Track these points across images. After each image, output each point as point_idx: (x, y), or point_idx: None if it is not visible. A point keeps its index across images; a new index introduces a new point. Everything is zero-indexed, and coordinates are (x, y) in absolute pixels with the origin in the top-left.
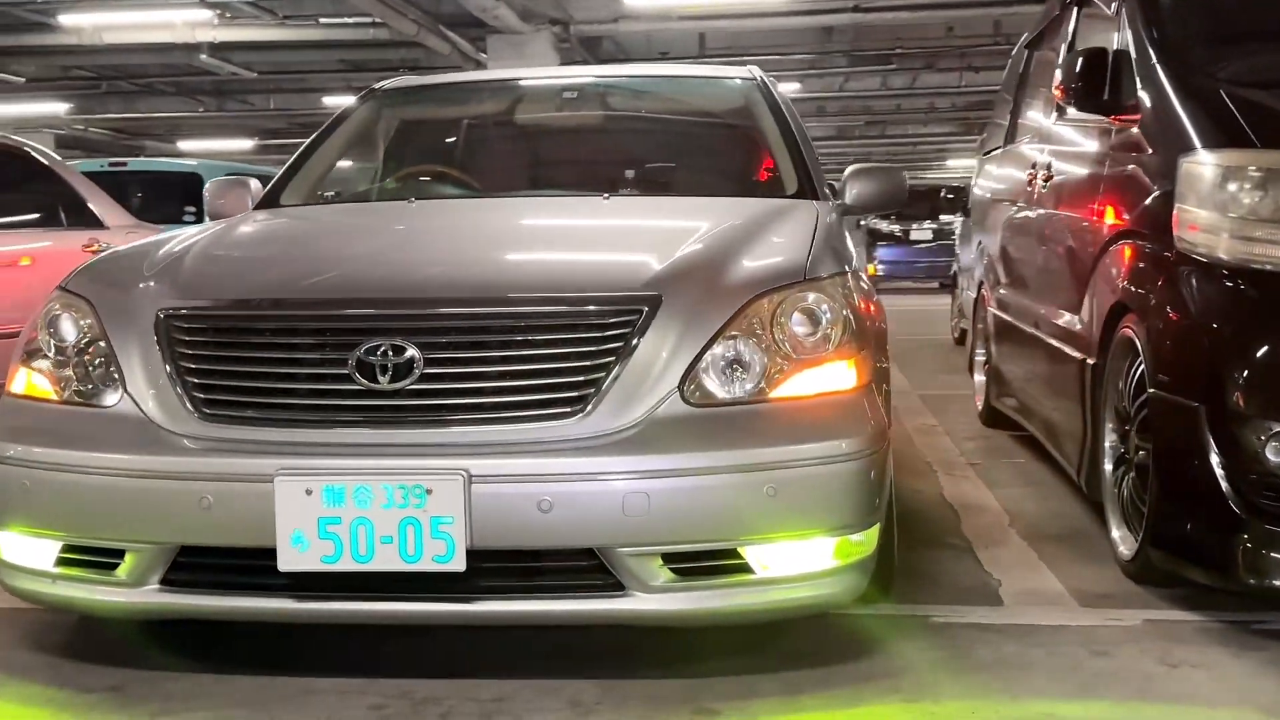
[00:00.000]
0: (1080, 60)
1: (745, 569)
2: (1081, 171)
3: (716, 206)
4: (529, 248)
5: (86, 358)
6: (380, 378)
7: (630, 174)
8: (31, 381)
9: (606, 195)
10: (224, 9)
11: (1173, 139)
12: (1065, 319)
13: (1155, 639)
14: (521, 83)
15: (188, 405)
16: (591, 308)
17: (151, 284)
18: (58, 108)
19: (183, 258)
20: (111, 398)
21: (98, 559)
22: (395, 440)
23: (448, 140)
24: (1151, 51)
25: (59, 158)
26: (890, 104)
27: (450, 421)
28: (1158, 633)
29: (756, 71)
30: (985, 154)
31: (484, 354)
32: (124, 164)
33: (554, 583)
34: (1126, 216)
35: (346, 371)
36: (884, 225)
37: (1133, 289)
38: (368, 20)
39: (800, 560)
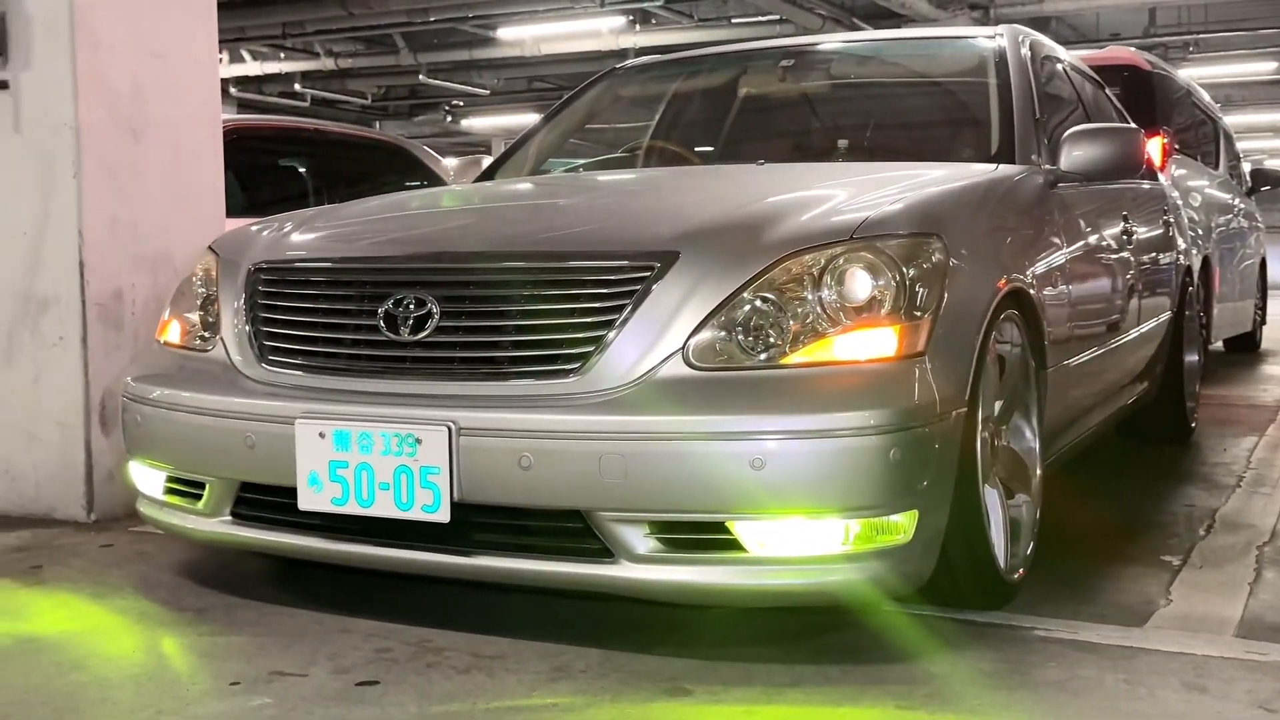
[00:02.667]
0: None
1: (736, 545)
2: None
3: (862, 170)
4: (595, 213)
5: (209, 308)
6: (401, 329)
7: (817, 142)
8: (171, 329)
9: (761, 162)
10: (640, 15)
11: None
12: None
13: None
14: (750, 54)
15: (254, 350)
16: (600, 264)
17: (261, 242)
18: (531, 119)
19: (300, 221)
20: (212, 343)
21: (188, 490)
22: (402, 390)
23: (663, 116)
24: None
25: (433, 153)
26: None
27: (451, 374)
28: None
29: (1005, 30)
30: None
31: (495, 308)
32: None
33: (543, 543)
34: None
35: (375, 323)
36: None
37: None
38: (775, 18)
39: (803, 542)
